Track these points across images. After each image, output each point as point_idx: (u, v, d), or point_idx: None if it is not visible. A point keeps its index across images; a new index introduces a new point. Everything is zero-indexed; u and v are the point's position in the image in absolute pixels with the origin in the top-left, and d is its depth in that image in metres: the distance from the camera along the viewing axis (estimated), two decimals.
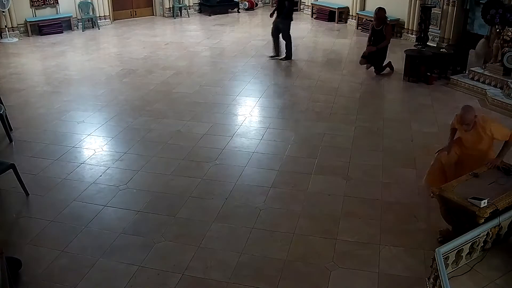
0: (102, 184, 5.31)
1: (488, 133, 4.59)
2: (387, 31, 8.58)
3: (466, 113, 4.58)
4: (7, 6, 11.11)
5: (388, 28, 8.65)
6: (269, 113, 7.30)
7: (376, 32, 8.65)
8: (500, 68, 7.84)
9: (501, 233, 3.97)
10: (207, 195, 5.10)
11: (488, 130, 4.58)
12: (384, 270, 3.99)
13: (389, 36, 8.64)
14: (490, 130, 4.59)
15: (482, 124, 4.60)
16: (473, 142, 4.70)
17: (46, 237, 4.43)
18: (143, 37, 11.89)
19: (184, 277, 3.93)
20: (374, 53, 8.74)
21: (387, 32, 8.59)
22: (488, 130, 4.58)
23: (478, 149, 4.70)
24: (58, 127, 6.71)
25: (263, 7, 15.91)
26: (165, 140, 6.35)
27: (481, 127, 4.59)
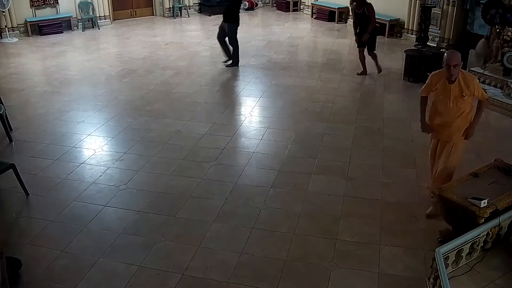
0: (102, 184, 5.31)
1: (471, 88, 4.36)
2: (369, 12, 8.33)
3: (453, 54, 4.31)
4: (7, 6, 11.11)
5: (370, 8, 8.37)
6: (269, 113, 7.30)
7: (359, 15, 8.45)
8: (500, 68, 7.84)
9: (501, 233, 3.97)
10: (207, 195, 5.10)
11: (472, 86, 4.35)
12: (384, 270, 3.99)
13: (372, 16, 8.39)
14: (473, 86, 4.36)
15: (466, 77, 4.39)
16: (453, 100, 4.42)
17: (46, 237, 4.43)
18: (143, 37, 11.90)
19: (184, 277, 3.93)
20: None
21: (370, 12, 8.33)
22: (472, 85, 4.35)
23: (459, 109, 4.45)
24: (58, 127, 6.71)
25: (263, 7, 15.93)
26: (165, 140, 6.35)
27: (464, 81, 4.36)
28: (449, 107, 4.47)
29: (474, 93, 4.39)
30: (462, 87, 4.35)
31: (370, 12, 8.32)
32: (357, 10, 8.40)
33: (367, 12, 8.31)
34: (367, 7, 8.33)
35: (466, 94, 4.35)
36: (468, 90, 4.34)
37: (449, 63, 4.28)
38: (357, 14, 8.45)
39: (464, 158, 5.77)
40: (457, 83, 4.36)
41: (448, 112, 4.49)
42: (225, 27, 9.13)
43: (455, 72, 4.29)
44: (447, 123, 4.52)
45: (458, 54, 4.29)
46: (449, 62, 4.28)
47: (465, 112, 4.50)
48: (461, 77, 4.37)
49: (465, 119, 4.54)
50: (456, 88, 4.37)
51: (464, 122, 4.54)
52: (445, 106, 4.49)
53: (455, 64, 4.26)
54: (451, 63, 4.27)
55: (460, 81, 4.36)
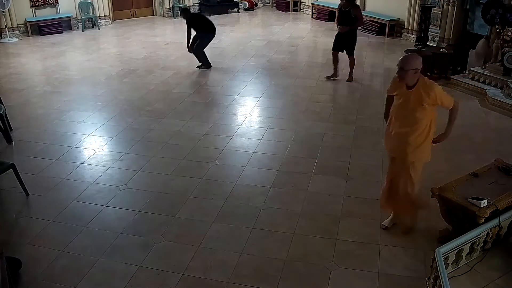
0: (102, 184, 5.31)
1: (432, 96, 3.92)
2: (356, 12, 8.09)
3: (406, 58, 3.96)
4: (7, 6, 11.11)
5: (357, 9, 8.18)
6: (269, 113, 7.30)
7: (344, 14, 8.16)
8: (500, 68, 7.84)
9: (501, 233, 3.97)
10: (207, 195, 5.10)
11: (433, 93, 3.92)
12: (384, 270, 3.99)
13: (360, 17, 8.18)
14: (435, 93, 3.93)
15: (427, 84, 3.97)
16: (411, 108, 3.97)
17: (46, 237, 4.43)
18: (143, 37, 11.90)
19: (184, 277, 3.93)
20: (346, 36, 8.28)
21: (357, 13, 8.10)
22: (432, 92, 3.92)
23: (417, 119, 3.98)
24: (58, 127, 6.71)
25: (263, 7, 15.93)
26: (165, 140, 6.35)
27: (424, 87, 3.94)
28: (406, 115, 4.04)
29: (437, 101, 3.95)
30: (421, 95, 3.93)
31: (358, 13, 8.13)
32: (344, 8, 8.16)
33: (354, 14, 8.07)
34: (354, 8, 8.13)
35: (426, 102, 3.92)
36: (428, 98, 3.91)
37: (404, 67, 3.92)
38: (343, 12, 8.20)
39: (464, 158, 5.80)
40: (417, 89, 3.95)
41: (405, 120, 4.06)
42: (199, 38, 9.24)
43: (405, 77, 3.91)
44: (402, 134, 4.06)
45: (413, 58, 3.93)
46: (403, 66, 3.93)
47: (423, 124, 4.01)
48: (421, 84, 3.96)
49: (422, 134, 4.04)
50: (415, 95, 3.96)
51: (421, 137, 4.04)
52: (402, 113, 4.08)
53: (407, 68, 3.88)
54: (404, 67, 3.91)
55: (420, 87, 3.95)
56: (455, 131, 6.52)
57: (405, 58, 3.98)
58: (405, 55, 4.02)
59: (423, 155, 4.14)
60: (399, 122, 4.09)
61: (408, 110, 4.00)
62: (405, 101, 4.02)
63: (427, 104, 3.94)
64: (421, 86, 3.95)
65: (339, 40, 8.39)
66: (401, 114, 4.08)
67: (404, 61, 3.95)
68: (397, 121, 4.12)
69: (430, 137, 4.09)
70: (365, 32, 12.14)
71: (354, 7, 8.12)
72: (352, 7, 8.09)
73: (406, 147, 4.06)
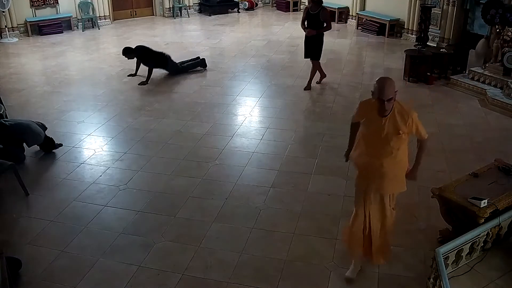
0: (102, 184, 5.31)
1: (409, 123, 3.46)
2: (324, 15, 7.73)
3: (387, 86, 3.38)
4: (7, 6, 11.11)
5: (325, 11, 7.79)
6: (269, 113, 7.30)
7: (312, 16, 7.76)
8: (500, 68, 7.84)
9: (501, 233, 3.98)
10: (207, 195, 5.10)
11: (410, 120, 3.46)
12: (384, 270, 3.99)
13: (328, 20, 7.82)
14: (412, 120, 3.46)
15: (404, 109, 3.49)
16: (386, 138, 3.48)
17: (46, 237, 4.43)
18: (143, 37, 11.88)
19: (184, 277, 3.93)
20: (313, 40, 7.93)
21: (325, 16, 7.74)
22: (410, 119, 3.46)
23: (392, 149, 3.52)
24: (58, 127, 6.71)
25: (263, 7, 15.93)
26: (165, 140, 6.35)
27: (401, 114, 3.46)
28: (379, 146, 3.53)
29: (412, 129, 3.51)
30: (397, 122, 3.45)
31: (326, 15, 7.77)
32: (311, 11, 7.76)
33: (322, 16, 7.72)
34: (322, 10, 7.74)
35: (403, 131, 3.45)
36: (405, 125, 3.44)
37: (383, 97, 3.36)
38: (310, 14, 7.78)
39: (464, 158, 5.81)
40: (392, 116, 3.45)
41: (378, 151, 3.55)
42: None
43: (389, 107, 3.41)
44: (376, 166, 3.58)
45: (393, 83, 3.43)
46: (382, 97, 3.37)
47: (399, 154, 3.58)
48: (397, 108, 3.47)
49: (399, 164, 3.64)
50: (390, 122, 3.46)
51: (397, 168, 3.63)
52: (374, 143, 3.57)
53: (390, 98, 3.37)
54: (385, 97, 3.36)
55: (396, 114, 3.46)
56: (455, 131, 6.62)
57: (385, 88, 3.37)
58: (382, 83, 3.41)
59: (401, 185, 3.72)
60: (371, 151, 3.60)
61: (382, 139, 3.50)
62: (377, 129, 3.50)
63: (404, 132, 3.46)
64: (397, 112, 3.47)
65: (306, 45, 8.07)
66: (373, 143, 3.57)
67: (386, 91, 3.36)
68: (369, 149, 3.62)
69: (406, 165, 3.71)
70: (365, 32, 12.15)
71: (323, 10, 7.75)
72: (321, 9, 7.72)
73: (382, 179, 3.60)
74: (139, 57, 8.66)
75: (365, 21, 12.33)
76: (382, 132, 3.48)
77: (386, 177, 3.59)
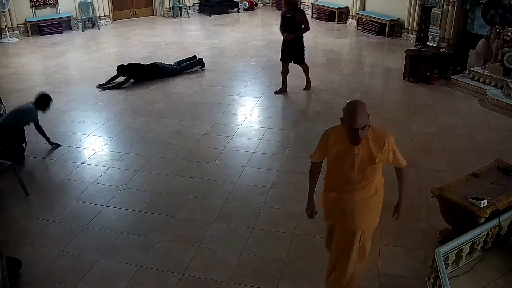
0: (102, 184, 5.31)
1: (385, 149, 3.01)
2: (301, 18, 7.53)
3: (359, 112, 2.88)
4: (7, 6, 11.11)
5: (301, 13, 7.60)
6: (269, 113, 7.30)
7: (288, 20, 7.58)
8: (500, 68, 7.84)
9: (501, 233, 3.97)
10: (207, 195, 5.10)
11: (387, 145, 3.01)
12: (384, 270, 3.99)
13: (305, 21, 7.58)
14: (388, 145, 3.02)
15: (378, 134, 3.03)
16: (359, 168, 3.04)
17: (46, 237, 4.43)
18: (143, 37, 11.90)
19: (184, 277, 3.93)
20: (292, 44, 7.73)
21: (302, 18, 7.53)
22: (386, 144, 3.01)
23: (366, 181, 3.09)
24: (58, 127, 6.71)
25: (263, 7, 15.92)
26: (165, 140, 6.35)
27: (375, 139, 3.01)
28: (352, 178, 3.08)
29: (389, 156, 3.06)
30: (371, 149, 3.00)
31: (303, 18, 7.57)
32: (287, 14, 7.58)
33: (298, 19, 7.52)
34: (298, 12, 7.57)
35: (380, 159, 3.01)
36: (381, 152, 3.00)
37: (355, 126, 2.86)
38: (287, 18, 7.60)
39: (464, 158, 5.81)
40: (365, 143, 2.99)
41: (350, 184, 3.10)
42: None
43: (364, 134, 2.92)
44: (348, 200, 3.15)
45: (365, 107, 2.93)
46: (354, 125, 2.86)
47: (374, 186, 3.15)
48: (370, 134, 3.00)
49: (374, 197, 3.19)
50: (364, 150, 3.01)
51: (372, 201, 3.19)
52: (344, 178, 3.11)
53: (364, 125, 2.87)
54: (358, 126, 2.86)
55: (369, 140, 3.00)
56: (455, 131, 6.62)
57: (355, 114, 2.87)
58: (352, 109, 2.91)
59: (375, 221, 3.32)
60: (341, 187, 3.17)
61: (354, 171, 3.05)
62: (349, 161, 3.05)
63: (380, 160, 3.02)
64: (370, 138, 3.01)
65: (286, 50, 7.85)
66: (343, 177, 3.12)
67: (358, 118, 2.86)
68: (337, 185, 3.20)
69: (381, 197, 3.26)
70: (365, 32, 12.15)
71: (298, 12, 7.58)
72: (296, 12, 7.55)
73: (354, 215, 3.16)
74: (133, 77, 8.53)
75: (365, 21, 12.32)
76: (355, 164, 3.02)
77: (358, 213, 3.15)
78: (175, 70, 8.98)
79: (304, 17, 7.59)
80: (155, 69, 8.75)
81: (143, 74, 8.62)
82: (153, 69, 8.75)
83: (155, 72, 8.73)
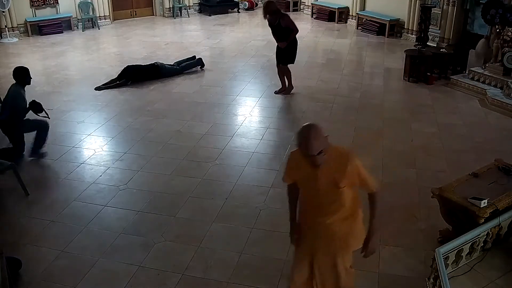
0: (102, 184, 5.31)
1: (348, 171, 2.76)
2: (286, 23, 7.38)
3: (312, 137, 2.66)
4: (7, 6, 11.11)
5: (285, 18, 7.41)
6: (269, 113, 7.30)
7: (275, 28, 7.49)
8: (500, 68, 7.84)
9: (501, 233, 3.97)
10: (207, 195, 5.10)
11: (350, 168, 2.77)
12: (384, 270, 3.99)
13: (291, 24, 7.41)
14: (352, 167, 2.77)
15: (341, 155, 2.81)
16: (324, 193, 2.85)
17: (46, 237, 4.43)
18: (143, 37, 11.90)
19: (184, 277, 3.93)
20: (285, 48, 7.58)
21: (287, 23, 7.38)
22: (350, 167, 2.77)
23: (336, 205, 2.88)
24: (58, 127, 6.71)
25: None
26: (165, 140, 6.35)
27: (337, 160, 2.78)
28: (321, 201, 2.91)
29: (355, 180, 2.81)
30: (333, 173, 2.78)
31: (288, 22, 7.41)
32: (273, 23, 7.46)
33: (284, 24, 7.39)
34: (282, 18, 7.40)
35: (344, 183, 2.79)
36: (344, 176, 2.76)
37: (310, 152, 2.67)
38: (274, 27, 7.51)
39: (464, 158, 5.80)
40: (326, 165, 2.76)
41: (321, 208, 2.93)
42: None
43: (322, 159, 2.71)
44: (321, 224, 2.96)
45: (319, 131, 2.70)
46: (309, 152, 2.67)
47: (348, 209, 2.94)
48: (334, 154, 2.78)
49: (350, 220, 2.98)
50: (326, 173, 2.79)
51: (348, 224, 2.98)
52: (315, 200, 2.94)
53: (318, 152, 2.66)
54: (312, 152, 2.66)
55: (331, 162, 2.76)
56: (455, 131, 6.62)
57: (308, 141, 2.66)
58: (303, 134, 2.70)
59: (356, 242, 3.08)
60: (315, 211, 2.99)
61: (321, 196, 2.87)
62: (313, 184, 2.85)
63: (345, 184, 2.80)
64: (333, 160, 2.76)
65: (279, 53, 7.74)
66: (314, 200, 2.95)
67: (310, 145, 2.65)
68: (311, 208, 3.02)
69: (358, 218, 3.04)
70: (365, 32, 12.15)
71: (282, 17, 7.41)
72: (280, 17, 7.39)
73: (331, 239, 2.99)
74: (131, 79, 8.49)
75: (365, 21, 12.32)
76: (319, 187, 2.83)
77: (335, 237, 2.98)
78: (175, 70, 8.98)
79: (289, 21, 7.45)
80: (153, 70, 8.74)
81: (141, 75, 8.60)
82: (152, 69, 8.74)
83: (154, 72, 8.72)
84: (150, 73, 8.69)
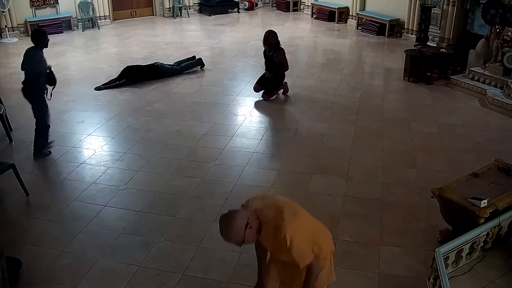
0: (102, 184, 5.31)
1: (282, 238, 2.51)
2: (280, 58, 7.45)
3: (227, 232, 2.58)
4: (7, 6, 11.11)
5: (280, 53, 7.46)
6: (269, 113, 7.30)
7: (268, 58, 7.58)
8: (500, 68, 7.84)
9: (501, 233, 3.97)
10: (207, 195, 5.10)
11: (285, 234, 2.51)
12: (384, 270, 3.99)
13: (284, 60, 7.50)
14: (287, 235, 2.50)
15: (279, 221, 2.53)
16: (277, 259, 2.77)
17: (46, 237, 4.43)
18: (143, 37, 11.90)
19: (184, 277, 3.93)
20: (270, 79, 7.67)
21: (280, 58, 7.46)
22: (283, 233, 2.51)
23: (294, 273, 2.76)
24: (58, 127, 6.70)
25: (263, 7, 15.93)
26: (165, 140, 6.35)
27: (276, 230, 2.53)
28: (278, 269, 2.83)
29: (292, 251, 2.54)
30: (272, 244, 2.61)
31: (282, 57, 7.46)
32: (268, 53, 7.55)
33: (277, 58, 7.44)
34: (277, 52, 7.44)
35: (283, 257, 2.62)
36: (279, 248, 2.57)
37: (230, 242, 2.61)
38: (267, 56, 7.59)
39: (464, 158, 5.80)
40: (266, 235, 2.58)
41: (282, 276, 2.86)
42: None
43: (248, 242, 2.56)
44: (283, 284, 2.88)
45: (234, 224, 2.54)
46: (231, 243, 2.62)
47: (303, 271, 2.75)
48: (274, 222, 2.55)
49: None
50: (266, 243, 2.64)
51: None
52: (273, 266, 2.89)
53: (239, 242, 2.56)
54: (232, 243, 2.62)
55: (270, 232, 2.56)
56: (455, 131, 6.62)
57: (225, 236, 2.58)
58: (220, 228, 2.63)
59: None
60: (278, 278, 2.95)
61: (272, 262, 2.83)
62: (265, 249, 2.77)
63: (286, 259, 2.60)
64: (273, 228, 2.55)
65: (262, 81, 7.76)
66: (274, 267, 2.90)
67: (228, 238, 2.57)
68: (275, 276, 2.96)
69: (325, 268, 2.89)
70: (365, 32, 12.15)
71: (277, 52, 7.45)
72: (275, 51, 7.44)
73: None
74: (130, 80, 8.46)
75: (365, 21, 12.33)
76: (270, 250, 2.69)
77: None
78: (175, 70, 8.98)
79: (283, 57, 7.49)
80: (153, 70, 8.74)
81: (141, 75, 8.60)
82: (152, 69, 8.74)
83: (154, 72, 8.72)
84: (150, 73, 8.69)
